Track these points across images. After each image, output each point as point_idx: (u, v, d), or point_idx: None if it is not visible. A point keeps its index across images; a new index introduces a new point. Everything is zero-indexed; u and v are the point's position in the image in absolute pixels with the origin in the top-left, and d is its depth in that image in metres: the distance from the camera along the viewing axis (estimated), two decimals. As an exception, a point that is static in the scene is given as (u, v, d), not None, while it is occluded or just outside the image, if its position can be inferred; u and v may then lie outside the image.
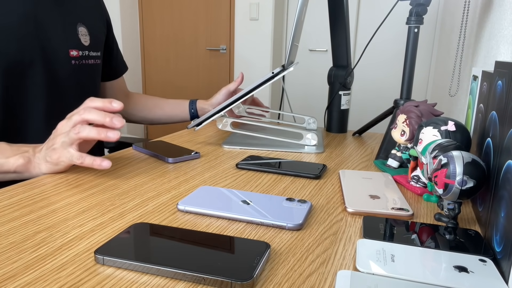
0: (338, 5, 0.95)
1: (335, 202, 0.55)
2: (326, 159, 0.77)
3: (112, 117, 0.58)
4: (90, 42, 0.88)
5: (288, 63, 0.78)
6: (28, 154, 0.62)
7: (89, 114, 0.58)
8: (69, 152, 0.59)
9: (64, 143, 0.59)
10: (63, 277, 0.35)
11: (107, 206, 0.50)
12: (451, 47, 1.59)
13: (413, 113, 0.63)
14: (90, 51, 0.88)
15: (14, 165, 0.61)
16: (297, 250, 0.41)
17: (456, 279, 0.35)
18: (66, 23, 0.82)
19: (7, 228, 0.43)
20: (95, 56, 0.91)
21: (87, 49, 0.87)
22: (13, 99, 0.75)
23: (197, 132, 0.97)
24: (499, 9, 0.78)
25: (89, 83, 0.91)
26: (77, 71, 0.85)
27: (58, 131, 0.61)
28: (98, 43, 0.92)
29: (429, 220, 0.49)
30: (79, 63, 0.86)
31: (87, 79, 0.89)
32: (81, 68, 0.86)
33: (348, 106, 1.01)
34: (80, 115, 0.59)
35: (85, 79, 0.88)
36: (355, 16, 2.88)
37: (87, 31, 0.88)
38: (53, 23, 0.79)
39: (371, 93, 2.95)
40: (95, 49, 0.90)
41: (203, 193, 0.54)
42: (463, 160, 0.43)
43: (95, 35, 0.90)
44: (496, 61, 0.46)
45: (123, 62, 1.10)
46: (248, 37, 3.07)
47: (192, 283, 0.34)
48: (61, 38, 0.81)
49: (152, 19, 3.47)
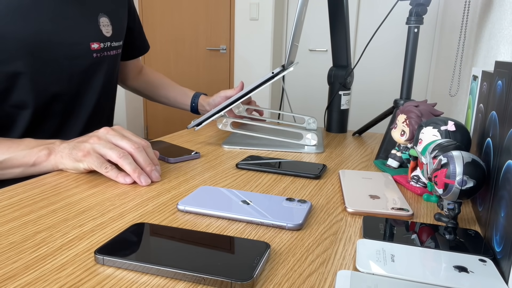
0: (338, 5, 0.95)
1: (335, 202, 0.55)
2: (326, 159, 0.77)
3: (153, 168, 0.59)
4: (113, 32, 0.86)
5: (288, 63, 0.78)
6: (53, 146, 0.61)
7: (138, 154, 0.58)
8: (98, 158, 0.58)
9: (97, 149, 0.58)
10: (63, 277, 0.35)
11: (107, 206, 0.50)
12: (451, 47, 1.59)
13: (413, 113, 0.63)
14: (113, 41, 0.86)
15: (35, 156, 0.60)
16: (297, 250, 0.41)
17: (456, 279, 0.35)
18: (86, 16, 0.80)
19: (7, 228, 0.43)
20: (117, 46, 0.89)
21: (109, 40, 0.85)
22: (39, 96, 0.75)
23: (197, 132, 0.97)
24: (499, 9, 0.78)
25: (110, 72, 0.89)
26: (99, 63, 0.84)
27: (99, 134, 0.59)
28: (120, 32, 0.90)
29: (429, 220, 0.49)
30: (101, 55, 0.83)
31: (108, 70, 0.87)
32: (103, 60, 0.84)
33: (348, 106, 1.01)
34: (131, 146, 0.58)
35: (106, 70, 0.86)
36: (355, 16, 2.88)
37: (109, 21, 0.85)
38: (73, 17, 0.77)
39: (371, 93, 2.95)
40: (117, 39, 0.88)
41: (203, 193, 0.54)
42: (463, 160, 0.43)
43: (117, 24, 0.88)
44: (496, 61, 0.46)
45: (146, 41, 1.11)
46: (248, 37, 3.07)
47: (192, 283, 0.34)
48: (81, 32, 0.79)
49: (152, 19, 3.47)
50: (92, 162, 0.58)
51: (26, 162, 0.61)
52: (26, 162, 0.61)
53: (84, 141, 0.59)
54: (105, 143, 0.58)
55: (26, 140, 0.64)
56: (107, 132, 0.60)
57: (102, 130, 0.60)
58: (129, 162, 0.57)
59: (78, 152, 0.58)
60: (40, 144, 0.62)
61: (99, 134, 0.60)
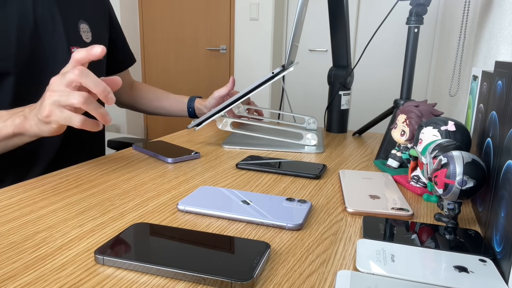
0: (338, 5, 0.95)
1: (335, 202, 0.55)
2: (326, 159, 0.77)
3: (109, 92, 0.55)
4: (92, 39, 0.88)
5: (288, 63, 0.78)
6: (23, 113, 0.60)
7: (86, 79, 0.54)
8: (62, 112, 0.55)
9: (56, 102, 0.55)
10: (63, 277, 0.35)
11: (107, 206, 0.50)
12: (451, 47, 1.59)
13: (413, 113, 0.63)
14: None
15: (11, 126, 0.59)
16: (297, 250, 0.41)
17: (456, 279, 0.35)
18: (67, 20, 0.82)
19: (7, 228, 0.43)
20: None
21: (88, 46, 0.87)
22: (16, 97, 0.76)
23: (197, 132, 0.97)
24: (499, 9, 0.78)
25: None
26: None
27: (51, 87, 0.56)
28: (100, 40, 0.92)
29: (429, 220, 0.49)
30: None
31: None
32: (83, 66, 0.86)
33: (348, 106, 1.01)
34: (76, 75, 0.55)
35: None
36: (355, 16, 2.88)
37: (89, 28, 0.88)
38: (54, 20, 0.79)
39: (371, 93, 2.95)
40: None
41: (203, 193, 0.54)
42: (463, 160, 0.43)
43: (97, 31, 0.90)
44: (496, 61, 0.46)
45: (131, 54, 1.10)
46: (248, 37, 3.07)
47: (192, 283, 0.34)
48: (62, 35, 0.81)
49: (152, 19, 3.47)
50: (59, 118, 0.55)
51: (6, 134, 0.60)
52: (6, 134, 0.60)
53: (43, 100, 0.56)
54: (59, 93, 0.55)
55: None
56: (54, 82, 0.56)
57: (51, 81, 0.57)
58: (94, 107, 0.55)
59: (42, 112, 0.56)
60: (12, 114, 0.61)
61: (50, 87, 0.57)
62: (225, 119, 0.83)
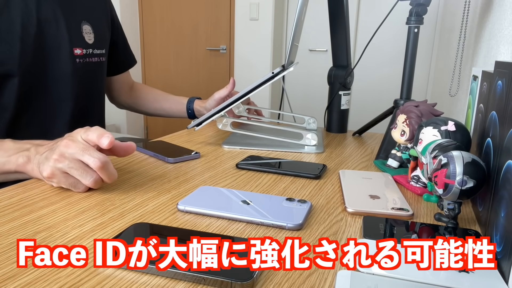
0: (338, 5, 0.95)
1: (335, 202, 0.55)
2: (326, 159, 0.77)
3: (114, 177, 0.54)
4: (94, 40, 0.89)
5: (288, 63, 0.78)
6: (28, 153, 0.58)
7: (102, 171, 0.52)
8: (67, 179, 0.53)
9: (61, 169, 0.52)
10: (63, 277, 0.35)
11: (107, 206, 0.50)
12: (451, 47, 1.59)
13: (413, 113, 0.63)
14: (94, 49, 0.89)
15: (14, 164, 0.59)
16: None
17: (456, 279, 0.35)
18: (70, 22, 0.83)
19: (7, 228, 0.43)
20: (99, 54, 0.91)
21: (91, 47, 0.88)
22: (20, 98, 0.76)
23: (197, 132, 0.97)
24: (499, 9, 0.78)
25: (94, 80, 0.91)
26: (82, 69, 0.86)
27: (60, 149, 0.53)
28: (102, 41, 0.92)
29: (429, 220, 0.49)
30: (83, 61, 0.86)
31: (92, 77, 0.90)
32: (85, 66, 0.87)
33: (348, 106, 1.01)
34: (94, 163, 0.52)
35: (90, 77, 0.89)
36: (355, 16, 2.87)
37: (91, 29, 0.88)
38: (57, 22, 0.80)
39: (371, 93, 2.95)
40: (99, 47, 0.91)
41: (203, 193, 0.54)
42: (463, 160, 0.43)
43: (99, 32, 0.91)
44: (496, 61, 0.46)
45: (132, 55, 1.11)
46: (248, 37, 3.07)
47: (192, 283, 0.34)
48: (65, 37, 0.81)
49: (152, 19, 3.47)
50: (63, 183, 0.54)
51: (8, 170, 0.60)
52: (8, 170, 0.60)
53: (48, 157, 0.53)
54: (68, 163, 0.52)
55: (6, 143, 0.61)
56: (68, 147, 0.52)
57: (63, 142, 0.53)
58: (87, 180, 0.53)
59: (43, 173, 0.53)
60: (17, 151, 0.59)
61: (61, 150, 0.53)
62: (225, 119, 0.83)
